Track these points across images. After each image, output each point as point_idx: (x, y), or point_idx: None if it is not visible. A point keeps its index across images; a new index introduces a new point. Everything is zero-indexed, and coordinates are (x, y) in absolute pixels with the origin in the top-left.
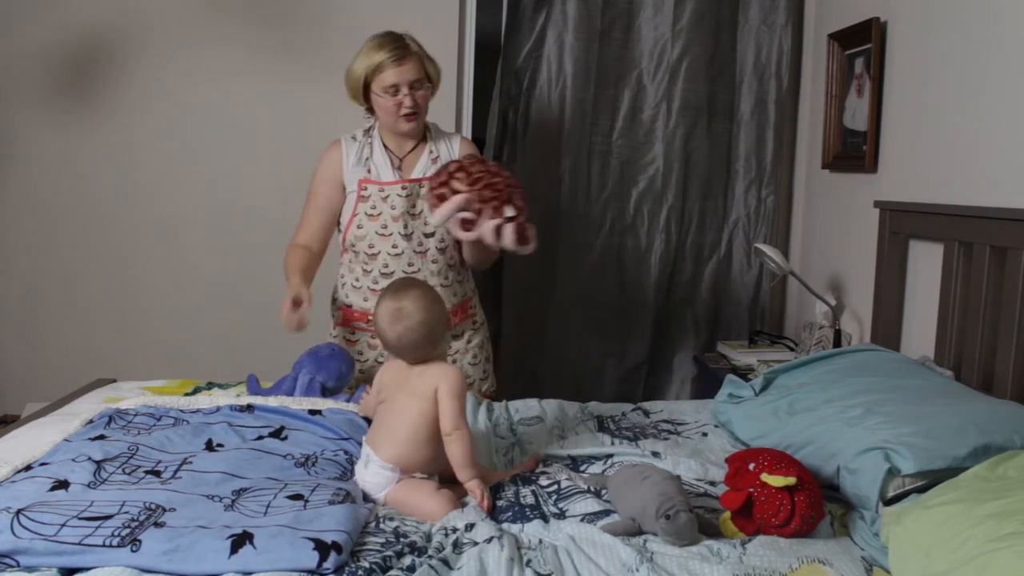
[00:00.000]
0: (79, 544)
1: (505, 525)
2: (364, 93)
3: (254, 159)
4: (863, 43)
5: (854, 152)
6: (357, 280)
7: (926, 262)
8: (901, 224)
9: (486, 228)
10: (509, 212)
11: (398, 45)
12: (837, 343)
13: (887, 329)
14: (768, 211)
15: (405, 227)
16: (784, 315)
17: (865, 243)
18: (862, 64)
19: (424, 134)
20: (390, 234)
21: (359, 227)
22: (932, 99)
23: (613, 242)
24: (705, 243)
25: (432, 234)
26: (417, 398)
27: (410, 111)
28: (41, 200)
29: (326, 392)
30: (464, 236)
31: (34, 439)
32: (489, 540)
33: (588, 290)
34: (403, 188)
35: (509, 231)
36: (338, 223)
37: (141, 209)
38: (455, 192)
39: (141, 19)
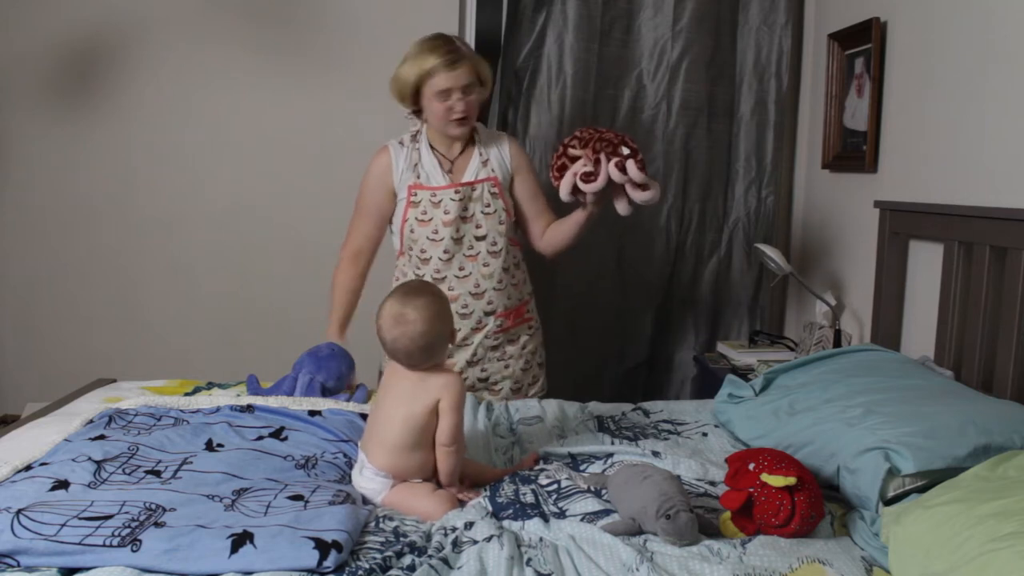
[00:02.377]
0: (79, 544)
1: (506, 523)
2: (413, 97)
3: (253, 159)
4: (863, 43)
5: (854, 152)
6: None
7: (926, 262)
8: (901, 224)
9: (610, 169)
10: (625, 151)
11: (450, 49)
12: (837, 343)
13: (887, 329)
14: (768, 211)
15: (456, 231)
16: (784, 315)
17: (865, 243)
18: (862, 64)
19: (472, 136)
20: (441, 239)
21: (411, 231)
22: (932, 99)
23: (613, 242)
24: (705, 243)
25: (484, 237)
26: (407, 403)
27: (461, 116)
28: (41, 200)
29: (326, 392)
30: (590, 188)
31: (34, 439)
32: (489, 539)
33: (588, 290)
34: (456, 192)
35: (632, 164)
36: (391, 228)
37: (141, 209)
38: (573, 159)
39: (140, 20)
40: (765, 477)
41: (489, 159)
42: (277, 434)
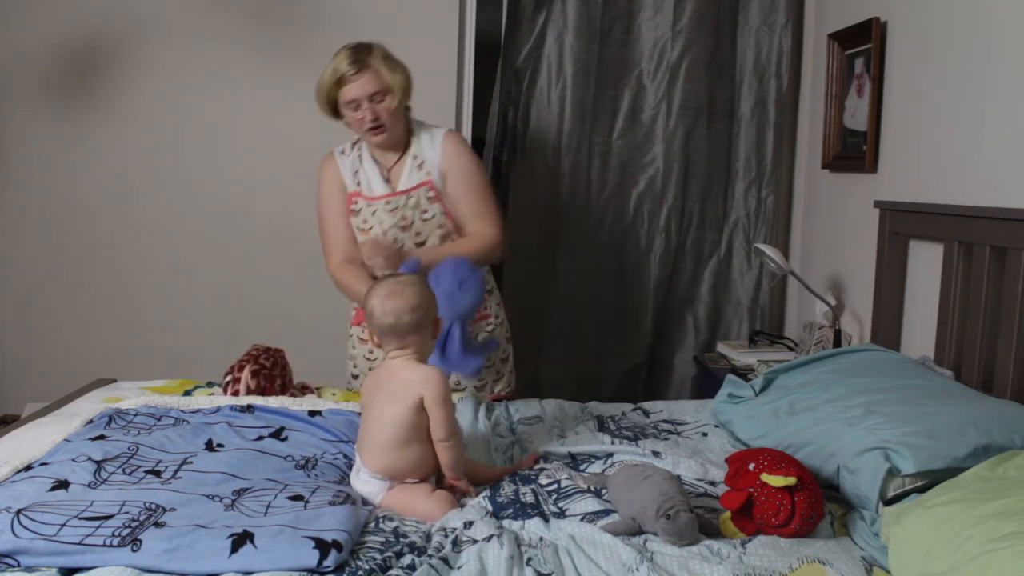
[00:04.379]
0: (79, 544)
1: (506, 522)
2: (332, 108)
3: (252, 159)
4: (863, 43)
5: (854, 152)
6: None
7: (926, 262)
8: (901, 224)
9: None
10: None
11: (355, 59)
12: (837, 343)
13: (887, 329)
14: (768, 211)
15: (394, 241)
16: (784, 315)
17: (865, 243)
18: (862, 64)
19: (409, 140)
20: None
21: (355, 240)
22: (932, 99)
23: (613, 242)
24: (705, 243)
25: (423, 243)
26: (394, 403)
27: (371, 125)
28: (41, 200)
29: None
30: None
31: (34, 439)
32: (489, 538)
33: (588, 290)
34: (387, 203)
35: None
36: None
37: (141, 209)
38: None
39: (140, 20)
40: (765, 477)
41: (424, 162)
42: (277, 434)
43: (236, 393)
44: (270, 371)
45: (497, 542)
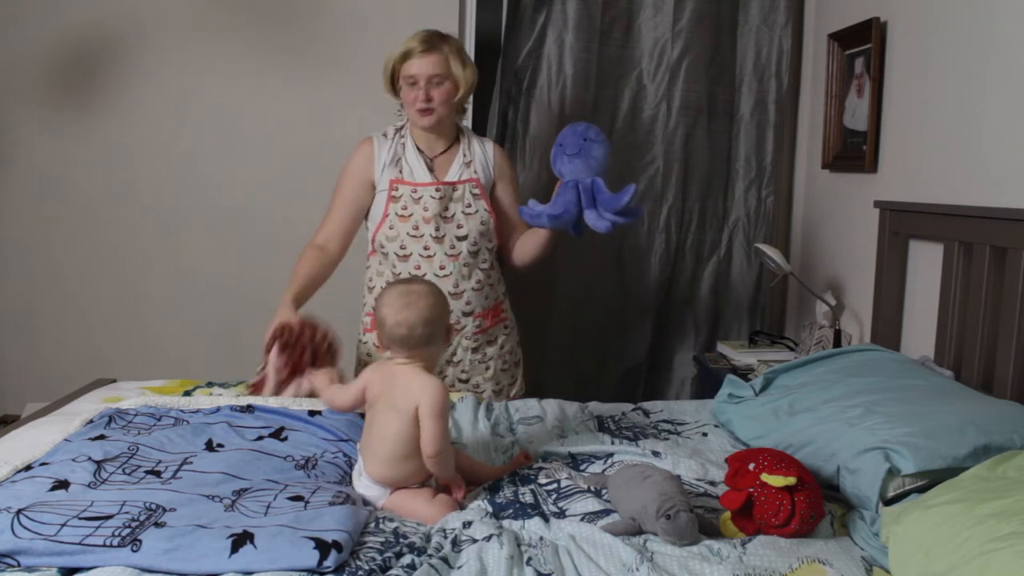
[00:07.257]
0: (79, 544)
1: (506, 522)
2: (392, 83)
3: (254, 158)
4: (863, 43)
5: (854, 152)
6: (388, 283)
7: (926, 262)
8: (901, 224)
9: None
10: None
11: (428, 40)
12: (837, 343)
13: (887, 329)
14: (768, 211)
15: (437, 229)
16: (784, 315)
17: (865, 243)
18: (862, 64)
19: (457, 136)
20: (421, 235)
21: (390, 227)
22: (932, 99)
23: (613, 242)
24: (705, 243)
25: (465, 237)
26: (396, 414)
27: (423, 106)
28: (41, 199)
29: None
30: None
31: (34, 439)
32: (488, 538)
33: (588, 290)
34: (436, 190)
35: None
36: (365, 222)
37: (141, 208)
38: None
39: (141, 19)
40: (765, 477)
41: (473, 161)
42: (277, 434)
43: (265, 378)
44: (294, 345)
45: (497, 542)
